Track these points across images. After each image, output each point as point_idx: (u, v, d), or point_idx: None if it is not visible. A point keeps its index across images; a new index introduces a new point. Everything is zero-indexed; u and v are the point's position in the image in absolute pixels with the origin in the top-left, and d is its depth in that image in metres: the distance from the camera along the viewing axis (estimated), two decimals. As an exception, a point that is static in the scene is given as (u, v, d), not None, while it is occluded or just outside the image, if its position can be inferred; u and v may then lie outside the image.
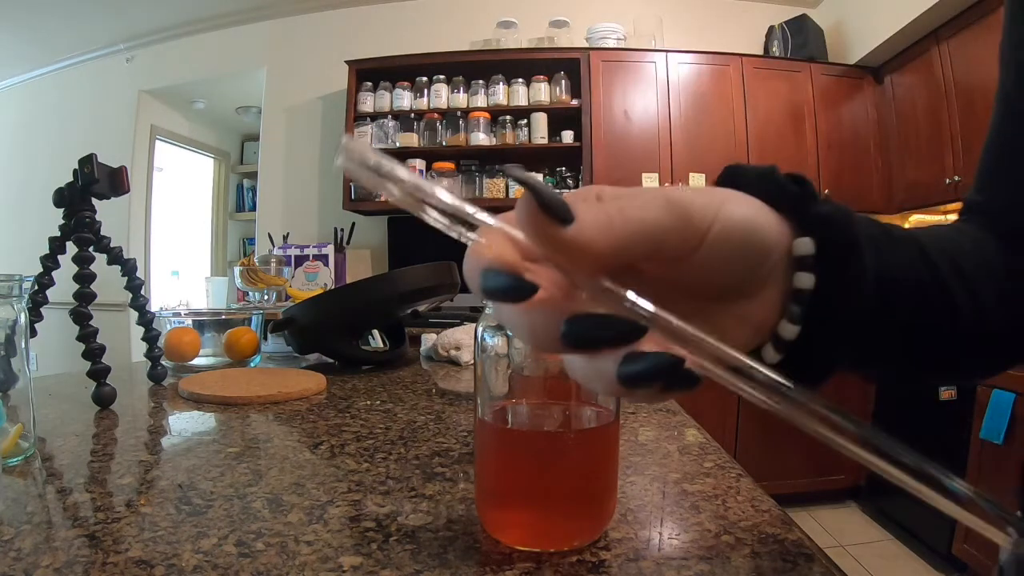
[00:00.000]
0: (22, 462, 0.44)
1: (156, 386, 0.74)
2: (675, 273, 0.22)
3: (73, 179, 0.62)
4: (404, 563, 0.29)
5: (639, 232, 0.19)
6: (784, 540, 0.32)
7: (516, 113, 2.76)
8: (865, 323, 0.26)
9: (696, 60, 2.73)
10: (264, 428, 0.56)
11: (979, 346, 0.32)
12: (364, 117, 2.81)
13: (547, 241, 0.19)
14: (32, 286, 0.54)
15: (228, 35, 3.30)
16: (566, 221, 0.18)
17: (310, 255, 2.47)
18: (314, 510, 0.35)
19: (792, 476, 2.22)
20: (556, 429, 0.33)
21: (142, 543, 0.31)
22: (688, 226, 0.20)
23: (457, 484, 0.40)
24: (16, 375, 0.45)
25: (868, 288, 0.25)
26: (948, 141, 2.34)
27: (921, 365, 0.32)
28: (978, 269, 0.31)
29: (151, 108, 3.50)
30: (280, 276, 1.33)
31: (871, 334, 0.27)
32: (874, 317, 0.26)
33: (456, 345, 0.94)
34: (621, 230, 0.19)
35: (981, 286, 0.31)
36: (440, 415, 0.60)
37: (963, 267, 0.31)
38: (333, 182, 3.04)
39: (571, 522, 0.31)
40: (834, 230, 0.24)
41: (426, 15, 3.09)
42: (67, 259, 0.63)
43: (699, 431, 0.54)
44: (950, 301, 0.30)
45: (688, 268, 0.21)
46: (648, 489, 0.40)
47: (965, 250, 0.32)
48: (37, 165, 3.51)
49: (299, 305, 0.87)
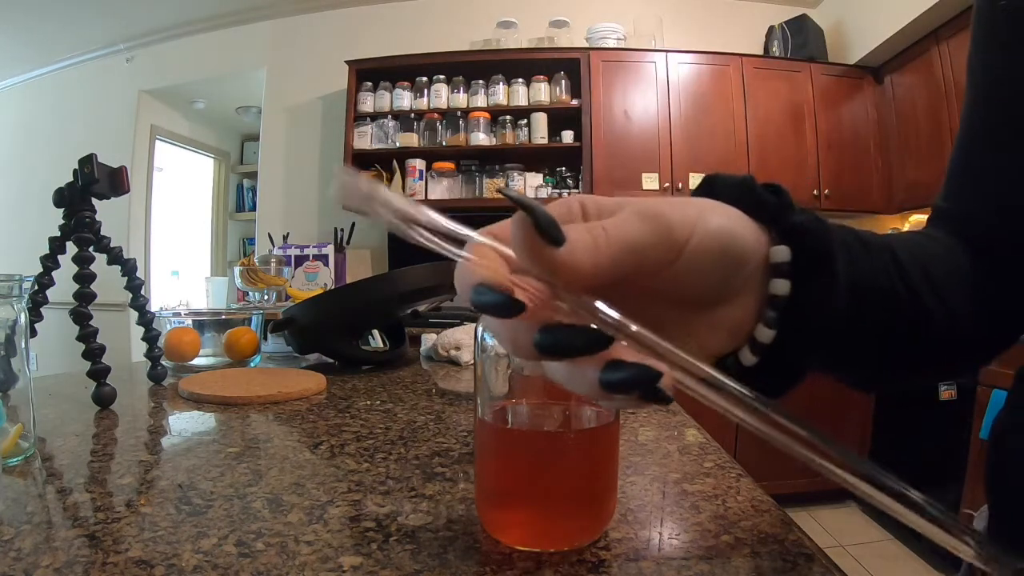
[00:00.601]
0: (22, 462, 0.44)
1: (156, 386, 0.74)
2: (655, 283, 0.23)
3: (73, 179, 0.62)
4: (404, 563, 0.29)
5: (624, 251, 0.21)
6: (784, 540, 0.32)
7: (516, 113, 2.76)
8: (839, 327, 0.27)
9: (696, 60, 2.73)
10: (264, 428, 0.56)
11: (951, 349, 0.33)
12: (364, 117, 2.81)
13: (539, 261, 0.20)
14: (32, 286, 0.54)
15: (228, 35, 3.30)
16: (558, 243, 0.19)
17: (310, 255, 2.47)
18: (314, 510, 0.35)
19: (792, 476, 2.21)
20: (556, 429, 0.33)
21: (142, 543, 0.31)
22: (669, 239, 0.21)
23: (457, 484, 0.40)
24: (16, 375, 0.45)
25: (841, 293, 0.26)
26: (948, 141, 2.34)
27: (893, 368, 0.32)
28: (948, 276, 0.32)
29: (151, 108, 3.50)
30: (280, 276, 1.33)
31: (844, 338, 0.28)
32: (847, 322, 0.27)
33: (456, 345, 0.94)
34: (607, 251, 0.20)
35: (951, 292, 0.32)
36: (440, 415, 0.60)
37: (933, 273, 0.32)
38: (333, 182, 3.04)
39: (571, 522, 0.31)
40: (809, 238, 0.24)
41: (426, 15, 3.09)
42: (67, 259, 0.63)
43: (699, 431, 0.54)
44: (922, 307, 0.31)
45: (668, 277, 0.22)
46: (648, 489, 0.40)
47: (936, 256, 0.33)
48: (37, 165, 3.51)
49: (299, 305, 0.87)
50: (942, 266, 0.33)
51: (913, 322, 0.30)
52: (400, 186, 2.79)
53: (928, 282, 0.31)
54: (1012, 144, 0.35)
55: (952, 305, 0.32)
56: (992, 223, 0.35)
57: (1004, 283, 0.34)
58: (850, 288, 0.27)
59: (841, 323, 0.26)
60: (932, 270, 0.32)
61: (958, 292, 0.32)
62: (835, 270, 0.25)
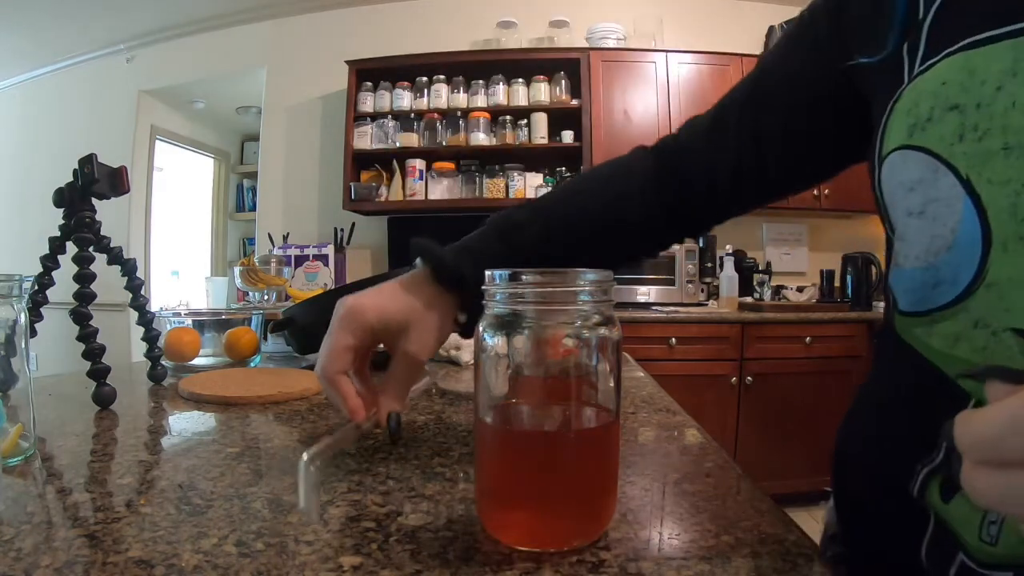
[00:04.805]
0: (22, 462, 0.44)
1: (156, 386, 0.74)
2: None
3: (73, 179, 0.62)
4: (404, 563, 0.29)
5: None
6: (784, 540, 0.32)
7: (516, 113, 2.76)
8: None
9: (696, 60, 2.73)
10: (264, 428, 0.56)
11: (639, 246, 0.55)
12: (364, 117, 2.81)
13: None
14: (32, 286, 0.54)
15: (228, 35, 3.30)
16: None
17: (310, 255, 2.47)
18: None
19: (792, 476, 2.22)
20: (556, 429, 0.33)
21: (142, 543, 0.31)
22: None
23: (457, 484, 0.40)
24: (16, 375, 0.45)
25: None
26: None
27: None
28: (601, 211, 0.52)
29: (151, 108, 3.50)
30: (280, 276, 1.33)
31: None
32: None
33: (456, 345, 0.94)
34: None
35: (595, 236, 0.51)
36: (440, 415, 0.60)
37: (578, 227, 0.50)
38: (333, 182, 3.04)
39: (571, 522, 0.31)
40: (464, 284, 0.43)
41: (426, 15, 3.09)
42: (67, 259, 0.63)
43: (699, 431, 0.54)
44: (569, 255, 0.46)
45: None
46: (648, 489, 0.40)
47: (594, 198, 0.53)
48: (37, 165, 3.51)
49: (299, 305, 0.87)
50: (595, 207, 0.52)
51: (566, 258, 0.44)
52: (400, 186, 2.79)
53: (572, 234, 0.50)
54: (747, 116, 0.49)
55: (593, 242, 0.51)
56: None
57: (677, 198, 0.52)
58: None
59: None
60: (580, 223, 0.51)
61: (635, 209, 0.52)
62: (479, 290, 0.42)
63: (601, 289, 0.31)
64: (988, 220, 0.31)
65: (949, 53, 0.33)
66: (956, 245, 0.32)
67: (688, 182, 0.52)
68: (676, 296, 2.57)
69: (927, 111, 0.33)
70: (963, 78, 0.32)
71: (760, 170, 0.50)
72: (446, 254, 0.45)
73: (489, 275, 0.32)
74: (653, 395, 0.70)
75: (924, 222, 0.34)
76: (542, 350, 0.32)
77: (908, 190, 0.35)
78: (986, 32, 0.31)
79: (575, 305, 0.31)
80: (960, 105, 0.32)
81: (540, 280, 0.31)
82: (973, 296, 0.32)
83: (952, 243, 0.33)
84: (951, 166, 0.32)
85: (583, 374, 0.32)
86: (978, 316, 0.32)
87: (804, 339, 2.35)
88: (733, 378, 2.32)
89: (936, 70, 0.33)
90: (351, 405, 0.42)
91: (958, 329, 0.33)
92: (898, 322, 0.38)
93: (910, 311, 0.36)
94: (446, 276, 0.44)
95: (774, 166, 0.49)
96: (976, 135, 0.31)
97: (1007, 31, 0.30)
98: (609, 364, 0.32)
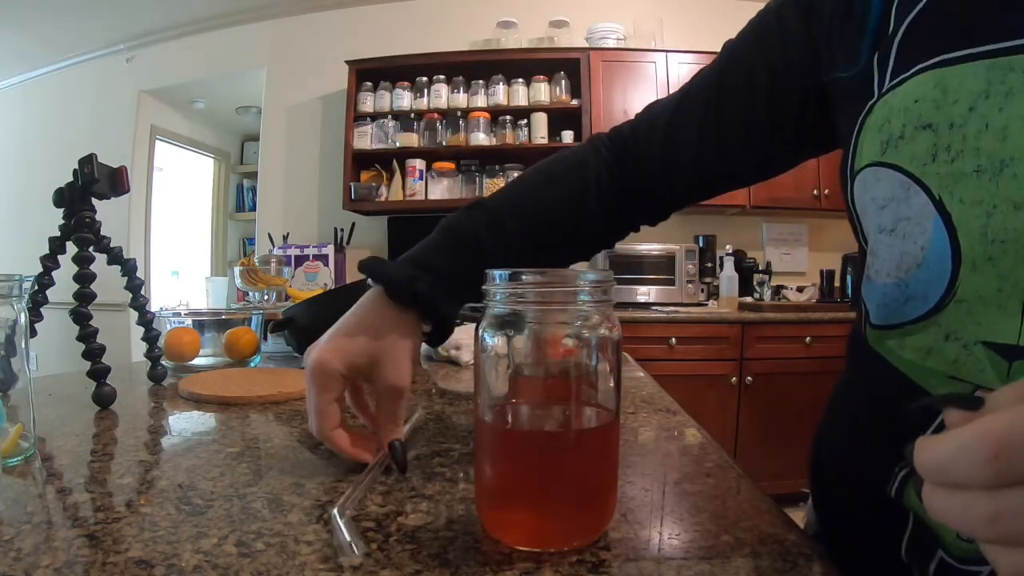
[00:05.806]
0: (22, 462, 0.44)
1: (156, 386, 0.74)
2: None
3: (73, 179, 0.62)
4: (404, 563, 0.29)
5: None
6: (784, 540, 0.32)
7: (516, 113, 2.76)
8: (465, 296, 0.47)
9: (696, 60, 2.73)
10: (264, 428, 0.56)
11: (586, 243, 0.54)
12: (364, 117, 2.81)
13: None
14: (32, 286, 0.54)
15: (228, 35, 3.30)
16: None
17: (310, 255, 2.47)
18: (314, 510, 0.35)
19: (792, 476, 2.22)
20: (556, 429, 0.33)
21: (142, 543, 0.31)
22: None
23: (457, 484, 0.40)
24: (16, 375, 0.45)
25: (454, 305, 0.46)
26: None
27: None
28: (552, 212, 0.50)
29: (151, 108, 3.50)
30: (280, 276, 1.33)
31: (473, 291, 0.39)
32: (469, 282, 0.41)
33: (456, 345, 0.94)
34: None
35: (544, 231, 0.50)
36: (440, 415, 0.60)
37: (537, 229, 0.50)
38: (333, 182, 3.04)
39: (571, 522, 0.31)
40: (428, 305, 0.44)
41: (426, 15, 3.09)
42: (67, 259, 0.63)
43: (699, 431, 0.54)
44: (516, 257, 0.46)
45: None
46: (648, 489, 0.40)
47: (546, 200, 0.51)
48: (37, 165, 3.51)
49: (299, 305, 0.87)
50: (543, 211, 0.50)
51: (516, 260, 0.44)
52: (400, 186, 2.79)
53: (529, 229, 0.49)
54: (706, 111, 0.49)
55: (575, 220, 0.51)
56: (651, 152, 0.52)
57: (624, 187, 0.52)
58: (453, 291, 0.45)
59: (464, 292, 0.46)
60: (531, 223, 0.49)
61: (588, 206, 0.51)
62: (447, 307, 0.45)
63: (601, 289, 0.31)
64: (958, 239, 0.31)
65: (922, 69, 0.32)
66: (926, 263, 0.33)
67: (648, 173, 0.52)
68: (676, 296, 2.57)
69: (899, 128, 0.33)
70: (936, 96, 0.31)
71: (717, 161, 0.50)
72: (396, 274, 0.44)
73: (489, 275, 0.32)
74: (653, 395, 0.70)
75: (895, 239, 0.34)
76: (542, 350, 0.32)
77: (880, 207, 0.35)
78: (960, 51, 0.31)
79: (575, 305, 0.31)
80: (933, 124, 0.32)
81: (540, 280, 0.31)
82: (943, 311, 0.32)
83: (922, 260, 0.33)
84: (923, 185, 0.32)
85: (583, 374, 0.32)
86: (948, 330, 0.32)
87: (804, 339, 2.35)
88: (733, 378, 2.32)
89: (908, 86, 0.33)
90: (354, 455, 0.42)
91: (929, 342, 0.33)
92: (870, 335, 0.38)
93: (882, 324, 0.37)
94: (399, 297, 0.43)
95: (733, 159, 0.50)
96: (949, 156, 0.31)
97: (983, 51, 0.30)
98: (609, 364, 0.32)
